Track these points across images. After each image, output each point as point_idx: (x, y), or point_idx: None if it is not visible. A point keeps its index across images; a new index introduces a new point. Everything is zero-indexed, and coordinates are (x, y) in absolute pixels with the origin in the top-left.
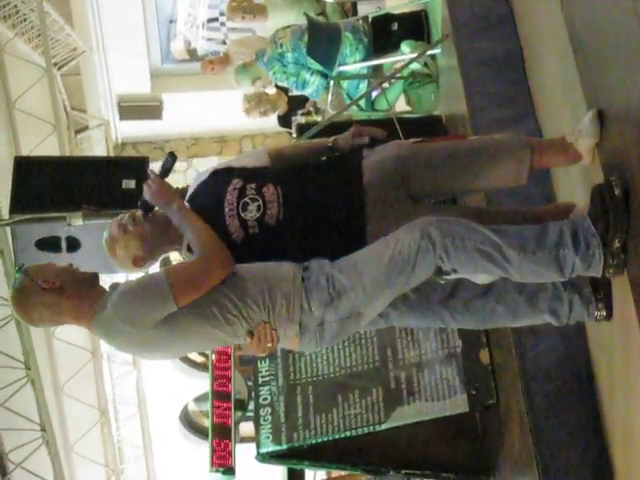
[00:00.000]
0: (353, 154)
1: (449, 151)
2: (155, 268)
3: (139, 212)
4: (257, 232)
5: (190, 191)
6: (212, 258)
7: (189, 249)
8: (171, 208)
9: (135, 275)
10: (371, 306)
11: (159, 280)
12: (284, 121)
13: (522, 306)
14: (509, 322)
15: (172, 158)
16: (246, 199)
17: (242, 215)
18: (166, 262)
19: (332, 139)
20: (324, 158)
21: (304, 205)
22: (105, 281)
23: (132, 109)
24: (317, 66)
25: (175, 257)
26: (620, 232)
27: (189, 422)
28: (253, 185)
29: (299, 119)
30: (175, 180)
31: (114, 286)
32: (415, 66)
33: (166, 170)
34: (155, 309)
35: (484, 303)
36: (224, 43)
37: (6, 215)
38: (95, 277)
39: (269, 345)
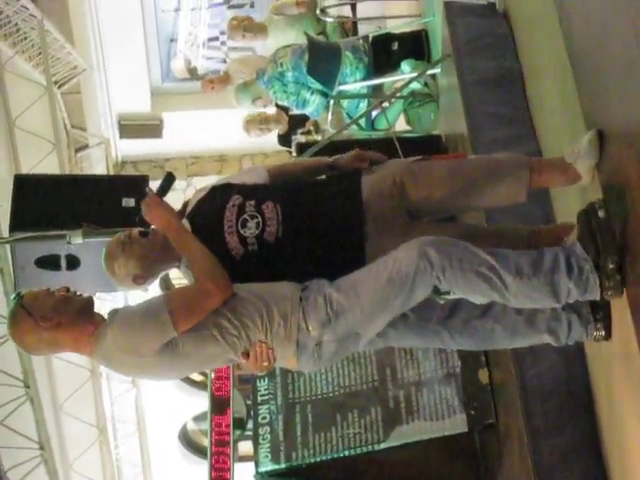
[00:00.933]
0: (352, 173)
1: (448, 170)
2: (154, 286)
3: (136, 231)
4: (256, 249)
5: (189, 207)
6: (210, 282)
7: (189, 266)
8: (168, 228)
9: (134, 293)
10: (369, 326)
11: (158, 308)
12: (284, 140)
13: (521, 326)
14: (508, 342)
15: (170, 178)
16: (245, 216)
17: (241, 232)
18: (166, 279)
19: (333, 159)
20: (323, 176)
21: (303, 222)
22: (106, 298)
23: (132, 127)
24: (317, 85)
25: (175, 274)
26: (610, 254)
27: (188, 441)
28: (252, 202)
29: (299, 138)
30: (174, 199)
31: (113, 313)
32: (415, 85)
33: (164, 189)
34: (155, 337)
35: (483, 323)
36: (224, 62)
37: (6, 233)
38: (90, 302)
39: (266, 364)
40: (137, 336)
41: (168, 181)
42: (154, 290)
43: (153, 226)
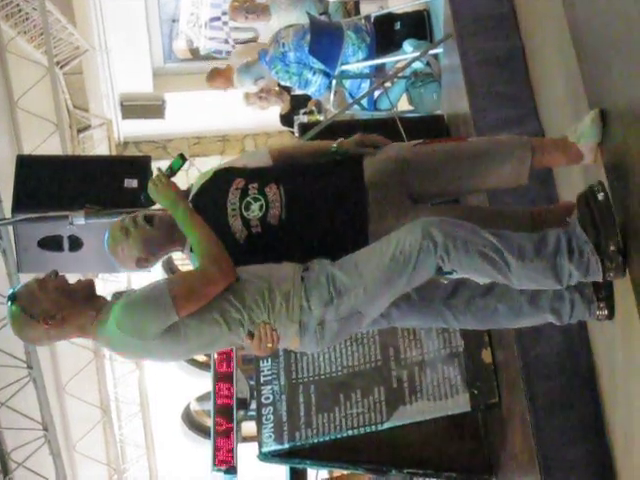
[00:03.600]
0: (354, 156)
1: (450, 153)
2: (158, 267)
3: (141, 216)
4: (260, 231)
5: (193, 191)
6: (214, 268)
7: (192, 249)
8: (176, 209)
9: (138, 274)
10: (372, 306)
11: (161, 292)
12: (286, 120)
13: (524, 305)
14: (511, 322)
15: (182, 159)
16: (248, 198)
17: (245, 214)
18: (170, 263)
19: (336, 143)
20: (326, 159)
21: (306, 204)
22: (108, 279)
23: (134, 108)
24: (319, 65)
25: (178, 255)
26: (611, 235)
27: (191, 421)
28: (255, 185)
29: (301, 118)
30: (178, 179)
31: (117, 295)
32: (417, 65)
33: (174, 171)
34: (158, 321)
35: (486, 302)
36: (226, 42)
37: (8, 214)
38: (91, 286)
39: (269, 345)
40: (140, 320)
41: (179, 163)
42: (157, 271)
43: (157, 210)
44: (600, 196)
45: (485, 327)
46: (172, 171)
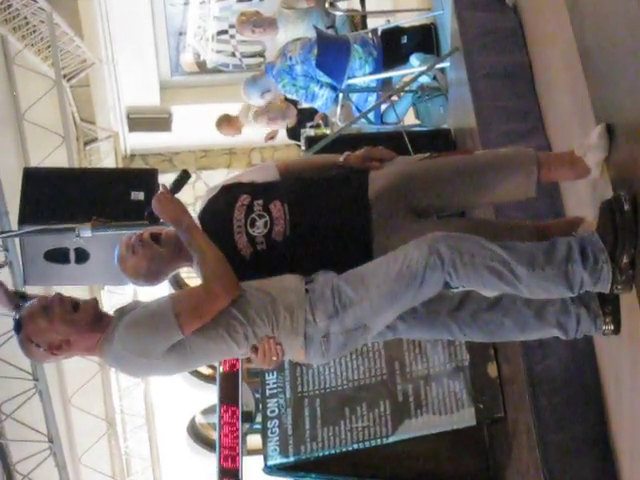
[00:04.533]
0: (359, 170)
1: (456, 167)
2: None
3: (147, 234)
4: (265, 248)
5: (200, 205)
6: (218, 284)
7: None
8: (180, 225)
9: (144, 290)
10: (378, 319)
11: (165, 310)
12: (293, 134)
13: (530, 319)
14: (517, 335)
15: (185, 175)
16: (253, 215)
17: (250, 231)
18: (176, 276)
19: (343, 157)
20: (331, 174)
21: (310, 221)
22: (113, 290)
23: (141, 121)
24: (326, 79)
25: (186, 272)
26: (628, 248)
27: (196, 434)
28: (260, 201)
29: (308, 132)
30: (183, 193)
31: (120, 311)
32: (424, 79)
33: (177, 186)
34: (163, 340)
35: (492, 316)
36: (234, 55)
37: (15, 226)
38: (95, 309)
39: (274, 359)
40: (144, 338)
41: (182, 178)
42: (163, 283)
43: (164, 227)
44: (626, 206)
45: (491, 340)
46: (176, 187)
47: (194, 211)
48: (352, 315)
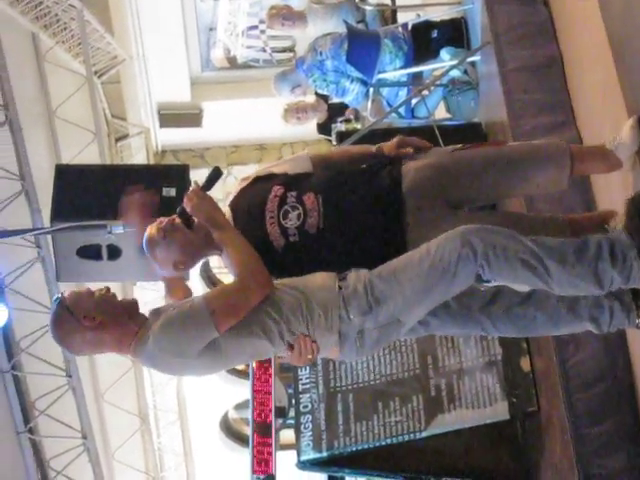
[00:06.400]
0: (393, 161)
1: (489, 158)
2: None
3: (179, 218)
4: (298, 240)
5: (232, 195)
6: (250, 281)
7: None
8: (212, 222)
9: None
10: (411, 314)
11: (199, 309)
12: (324, 129)
13: (562, 314)
14: (549, 330)
15: (217, 172)
16: (287, 207)
17: (283, 223)
18: (209, 274)
19: (376, 147)
20: (365, 165)
21: (344, 213)
22: (145, 287)
23: (172, 117)
24: (357, 74)
25: (215, 263)
26: None
27: (229, 429)
28: (294, 193)
29: (339, 126)
30: (214, 189)
31: (155, 313)
32: (455, 73)
33: (210, 183)
34: (198, 339)
35: (524, 311)
36: (264, 51)
37: (47, 223)
38: (134, 305)
39: (309, 357)
40: (179, 338)
41: (214, 175)
42: (195, 279)
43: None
44: None
45: (524, 335)
46: (208, 184)
47: (225, 206)
48: (385, 310)
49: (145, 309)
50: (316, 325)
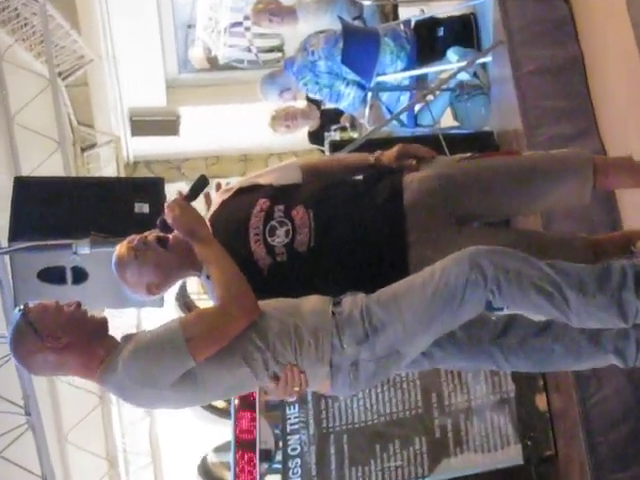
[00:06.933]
0: (393, 172)
1: (502, 168)
2: (171, 298)
3: (153, 237)
4: (285, 260)
5: (211, 210)
6: (234, 306)
7: (209, 277)
8: (194, 237)
9: (148, 310)
10: (412, 344)
11: (174, 335)
12: (316, 138)
13: (584, 346)
14: (569, 364)
15: (203, 181)
16: (273, 222)
17: (269, 241)
18: (187, 300)
19: (375, 156)
20: (361, 176)
21: (338, 230)
22: (115, 315)
23: (145, 124)
24: (353, 76)
25: (194, 289)
26: None
27: (208, 474)
28: (281, 207)
29: (333, 135)
30: (194, 202)
31: (127, 338)
32: (463, 76)
33: (194, 194)
34: (172, 368)
35: (541, 342)
36: (249, 50)
37: (5, 242)
38: (104, 325)
39: (296, 389)
40: (152, 367)
41: (200, 184)
42: (170, 306)
43: (172, 234)
44: None
45: (540, 370)
46: (193, 194)
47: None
48: (384, 340)
49: (116, 335)
50: (305, 354)
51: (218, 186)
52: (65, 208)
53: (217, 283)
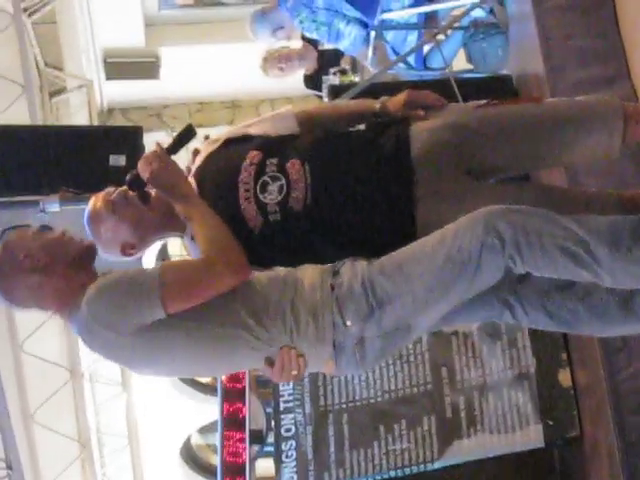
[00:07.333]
0: (399, 121)
1: (523, 117)
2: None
3: (130, 189)
4: (279, 219)
5: (196, 164)
6: (219, 260)
7: (194, 237)
8: (175, 195)
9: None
10: (424, 316)
11: (149, 277)
12: (312, 82)
13: (612, 309)
14: (594, 328)
15: (189, 132)
16: (265, 177)
17: (260, 198)
18: (164, 254)
19: (380, 103)
20: (363, 125)
21: (337, 186)
22: None
23: (121, 66)
24: (354, 13)
25: (177, 251)
26: None
27: (192, 458)
28: (274, 160)
29: (331, 79)
30: (176, 156)
31: (103, 274)
32: (478, 13)
33: (177, 146)
34: (137, 312)
35: (564, 300)
36: None
37: None
38: (90, 251)
39: (294, 373)
40: (114, 305)
41: (185, 135)
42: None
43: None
44: None
45: (560, 329)
46: (175, 146)
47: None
48: (391, 313)
49: None
50: (303, 335)
51: (206, 139)
52: (31, 160)
53: (202, 241)
